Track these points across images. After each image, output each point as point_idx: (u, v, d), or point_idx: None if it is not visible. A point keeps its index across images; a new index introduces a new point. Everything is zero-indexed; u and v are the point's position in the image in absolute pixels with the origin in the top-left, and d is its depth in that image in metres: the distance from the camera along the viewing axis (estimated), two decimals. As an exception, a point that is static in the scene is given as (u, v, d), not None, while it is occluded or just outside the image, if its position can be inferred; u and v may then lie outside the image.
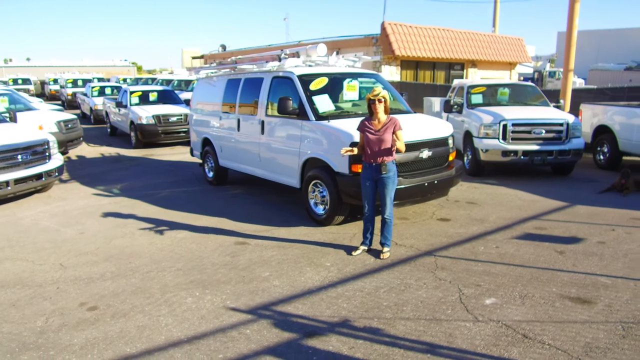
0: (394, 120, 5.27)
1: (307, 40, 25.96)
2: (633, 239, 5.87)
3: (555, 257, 5.32)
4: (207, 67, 10.26)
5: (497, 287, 4.57)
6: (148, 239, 6.53)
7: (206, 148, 9.86)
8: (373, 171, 5.30)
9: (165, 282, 5.04)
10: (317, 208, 6.86)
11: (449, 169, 6.91)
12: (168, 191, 9.39)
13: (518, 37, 25.33)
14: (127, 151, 14.57)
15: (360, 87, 7.76)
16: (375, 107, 5.23)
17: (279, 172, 7.62)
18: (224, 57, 33.23)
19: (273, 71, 7.82)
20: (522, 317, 3.96)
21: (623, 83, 27.24)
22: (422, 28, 20.75)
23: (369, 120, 5.35)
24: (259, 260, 5.54)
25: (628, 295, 4.32)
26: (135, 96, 15.99)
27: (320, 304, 4.37)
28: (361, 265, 5.28)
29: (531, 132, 9.26)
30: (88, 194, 9.38)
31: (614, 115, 10.24)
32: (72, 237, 6.72)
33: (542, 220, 6.75)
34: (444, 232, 6.34)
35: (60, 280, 5.22)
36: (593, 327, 3.78)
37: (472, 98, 10.79)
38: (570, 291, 4.45)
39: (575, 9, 11.91)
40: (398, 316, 4.07)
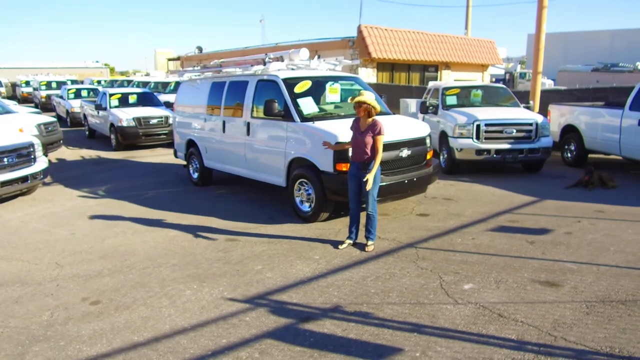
0: (374, 125, 5.59)
1: (284, 43, 26.27)
2: (597, 229, 6.37)
3: (526, 247, 5.76)
4: (191, 70, 10.47)
5: (474, 274, 4.98)
6: (140, 237, 6.74)
7: (191, 149, 10.07)
8: (357, 169, 5.65)
9: (162, 277, 5.28)
10: (303, 205, 7.18)
11: (427, 167, 7.32)
12: (154, 192, 9.57)
13: (490, 40, 26.14)
14: (108, 153, 14.62)
15: (342, 90, 8.12)
16: (358, 110, 5.59)
17: (265, 171, 7.90)
18: (200, 59, 33.25)
19: (258, 74, 8.10)
20: (497, 299, 4.37)
21: (590, 84, 28.34)
22: (397, 31, 21.27)
23: (359, 121, 5.71)
24: (250, 255, 5.83)
25: (591, 279, 4.78)
26: (114, 98, 16.03)
27: (313, 293, 4.69)
28: (348, 257, 5.63)
29: (503, 132, 9.77)
30: (73, 196, 9.48)
31: (579, 115, 10.85)
32: (64, 238, 6.87)
33: (514, 214, 7.22)
34: (423, 226, 6.74)
35: (59, 277, 5.41)
36: (560, 306, 4.20)
37: (447, 99, 11.27)
38: (540, 276, 4.88)
39: (543, 14, 12.53)
40: (385, 301, 4.43)
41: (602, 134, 10.06)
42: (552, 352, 3.49)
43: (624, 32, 40.31)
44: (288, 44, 26.08)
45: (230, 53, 29.58)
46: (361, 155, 5.58)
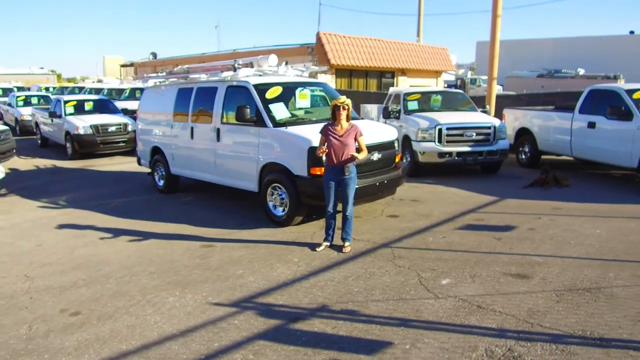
0: (355, 127, 5.81)
1: (242, 49, 26.20)
2: (556, 224, 6.78)
3: (494, 243, 6.08)
4: (155, 76, 10.35)
5: (449, 270, 5.22)
6: (112, 247, 6.63)
7: (156, 157, 9.94)
8: (336, 173, 5.80)
9: (142, 285, 5.24)
10: (277, 210, 7.26)
11: (396, 169, 7.56)
12: (118, 201, 9.39)
13: (443, 47, 27.02)
14: (64, 162, 14.17)
15: (311, 95, 8.27)
16: (339, 114, 5.74)
17: (236, 177, 7.92)
18: (155, 66, 32.63)
19: (227, 80, 8.13)
20: (475, 292, 4.61)
21: (536, 89, 29.76)
22: (355, 38, 21.67)
23: (332, 125, 5.85)
24: (229, 260, 5.86)
25: (558, 270, 5.11)
26: (70, 106, 15.55)
27: (297, 294, 4.79)
28: (327, 259, 5.76)
29: (463, 135, 10.19)
30: (33, 206, 9.17)
31: (532, 119, 11.45)
32: (30, 250, 6.67)
33: (479, 213, 7.57)
34: (395, 227, 6.96)
35: (32, 290, 5.26)
36: (533, 296, 4.49)
37: (409, 105, 11.62)
38: (511, 269, 5.18)
39: (497, 23, 13.15)
40: (369, 299, 4.58)
41: (554, 136, 10.67)
42: (530, 337, 3.74)
43: (565, 40, 42.64)
44: (246, 51, 26.04)
45: (187, 59, 29.21)
46: (342, 158, 5.73)
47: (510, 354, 3.55)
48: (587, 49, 39.92)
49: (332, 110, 5.85)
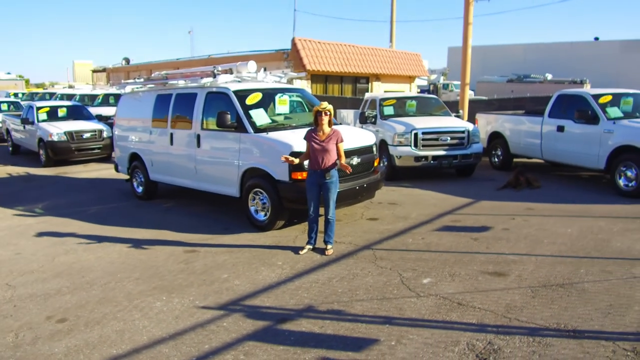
0: (337, 133, 5.97)
1: (216, 55, 26.14)
2: (530, 224, 7.06)
3: (471, 243, 6.30)
4: (133, 82, 10.32)
5: (430, 270, 5.40)
6: (93, 254, 6.61)
7: (134, 163, 9.90)
8: (318, 177, 5.94)
9: (128, 291, 5.26)
10: (258, 215, 7.34)
11: (375, 173, 7.74)
12: (97, 208, 9.32)
13: (416, 53, 27.51)
14: (38, 170, 13.93)
15: (290, 101, 8.39)
16: (321, 119, 5.89)
17: (217, 182, 7.97)
18: (128, 71, 32.25)
19: (207, 87, 8.19)
20: (455, 290, 4.80)
21: (506, 93, 30.51)
22: (330, 44, 21.91)
23: (315, 131, 6.00)
24: (213, 265, 5.92)
25: (532, 267, 5.35)
26: (43, 112, 15.30)
27: (284, 296, 4.89)
28: (310, 261, 5.88)
29: (438, 140, 10.46)
30: (8, 214, 9.03)
31: (504, 123, 11.83)
32: (9, 258, 6.60)
33: (456, 215, 7.81)
34: (375, 229, 7.13)
35: (15, 298, 5.23)
36: (510, 292, 4.70)
37: (385, 110, 11.86)
38: (488, 268, 5.39)
39: (469, 30, 13.54)
40: (354, 299, 4.72)
41: (525, 139, 11.05)
42: (509, 331, 3.93)
43: (535, 46, 43.86)
44: (221, 56, 25.99)
45: (161, 65, 28.97)
46: (324, 163, 5.87)
47: (491, 347, 3.73)
48: (555, 55, 41.15)
49: (314, 116, 5.99)
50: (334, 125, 6.31)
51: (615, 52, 39.37)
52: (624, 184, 8.58)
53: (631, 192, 8.43)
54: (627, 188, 8.53)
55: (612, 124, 8.88)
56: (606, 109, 9.19)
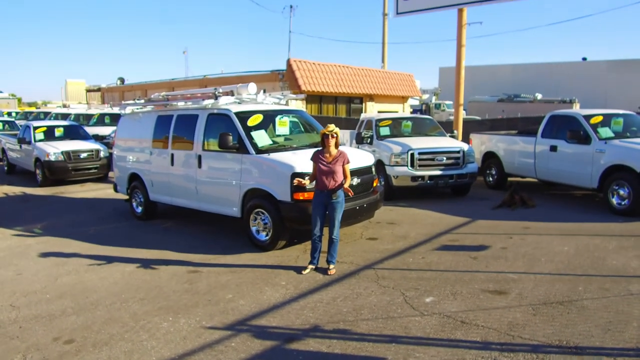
0: (343, 155, 6.12)
1: (212, 75, 26.40)
2: (527, 243, 7.20)
3: (471, 262, 6.42)
4: (133, 103, 10.44)
5: (432, 288, 5.50)
6: (96, 274, 6.64)
7: (134, 183, 9.96)
8: (324, 197, 6.07)
9: (133, 311, 5.30)
10: (260, 235, 7.42)
11: (374, 193, 7.87)
12: (96, 228, 9.34)
13: (408, 74, 27.95)
14: (34, 190, 13.91)
15: (290, 122, 8.55)
16: (328, 142, 6.05)
17: (219, 203, 8.06)
18: (123, 91, 32.43)
19: (208, 108, 8.32)
20: (457, 309, 4.90)
21: (497, 113, 31.00)
22: (324, 65, 22.23)
23: (322, 152, 6.15)
24: (217, 285, 5.98)
25: (532, 285, 5.47)
26: (40, 131, 15.33)
27: (289, 316, 4.96)
28: (313, 281, 5.96)
29: (434, 160, 10.64)
30: (7, 235, 9.03)
31: (498, 143, 12.05)
32: (11, 279, 6.60)
33: (454, 234, 7.93)
34: (375, 249, 7.23)
35: (20, 319, 5.24)
36: (511, 310, 4.82)
37: (381, 130, 12.06)
38: (489, 286, 5.51)
39: (462, 52, 13.86)
40: (359, 318, 4.81)
41: (519, 159, 11.27)
42: (512, 348, 4.03)
43: (523, 66, 44.70)
44: (216, 77, 26.27)
45: (156, 85, 29.18)
46: (331, 183, 6.01)
47: (495, 364, 3.83)
48: (543, 75, 41.94)
49: (322, 138, 6.16)
50: (340, 147, 6.46)
51: (602, 71, 40.21)
52: (617, 202, 8.78)
53: (624, 210, 8.62)
54: (620, 206, 8.73)
55: (603, 143, 9.12)
56: (597, 129, 9.44)
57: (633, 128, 9.79)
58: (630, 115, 10.30)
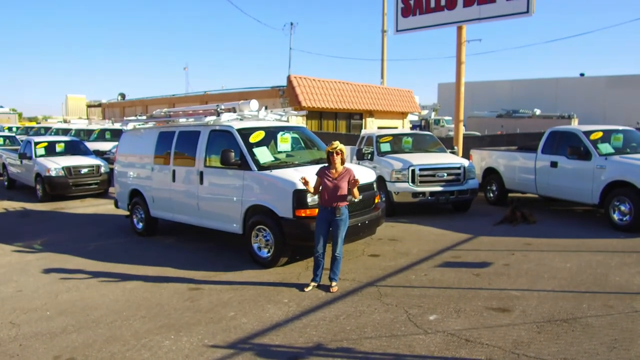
0: (349, 171, 6.15)
1: (213, 91, 26.57)
2: (529, 260, 7.19)
3: (473, 279, 6.40)
4: (135, 119, 10.48)
5: (435, 306, 5.48)
6: (97, 291, 6.60)
7: (135, 199, 9.96)
8: (328, 214, 6.07)
9: (135, 329, 5.26)
10: (262, 252, 7.39)
11: (376, 210, 7.87)
12: (96, 244, 9.31)
13: (408, 90, 28.14)
14: (34, 205, 13.90)
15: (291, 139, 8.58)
16: (334, 158, 6.07)
17: (220, 219, 8.05)
18: (123, 106, 32.59)
19: (210, 125, 8.36)
20: (461, 327, 4.88)
21: (496, 128, 31.15)
22: (324, 81, 22.39)
23: (327, 168, 6.18)
24: (219, 303, 5.94)
25: (535, 302, 5.45)
26: (41, 147, 15.37)
27: (292, 334, 4.93)
28: (316, 299, 5.93)
29: (435, 176, 10.66)
30: (7, 250, 8.99)
31: (498, 159, 12.09)
32: (11, 295, 6.56)
33: (456, 250, 7.92)
34: (377, 266, 7.21)
35: (20, 337, 5.21)
36: (515, 328, 4.79)
37: (381, 146, 12.10)
38: (492, 303, 5.48)
39: (462, 69, 13.98)
40: (362, 336, 4.77)
41: (519, 175, 11.29)
42: (518, 368, 4.01)
43: (522, 82, 45.03)
44: (216, 93, 26.43)
45: (157, 100, 29.35)
46: (336, 200, 6.02)
47: (501, 384, 3.80)
48: (542, 90, 42.23)
49: (327, 155, 6.18)
50: (346, 164, 6.48)
51: (601, 87, 40.48)
52: (618, 218, 8.78)
53: (625, 226, 8.62)
54: (621, 222, 8.73)
55: (604, 159, 9.15)
56: (597, 145, 9.48)
57: (633, 144, 9.84)
58: (630, 131, 10.36)
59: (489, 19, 13.23)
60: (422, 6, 14.21)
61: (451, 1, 13.56)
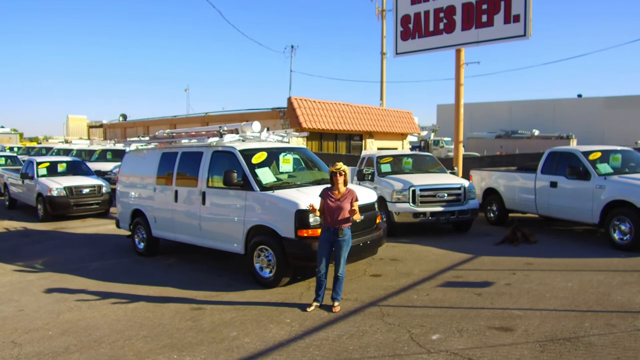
0: (352, 192, 6.22)
1: (213, 113, 26.82)
2: (530, 279, 7.20)
3: (475, 299, 6.41)
4: (138, 140, 10.59)
5: (437, 326, 5.48)
6: (98, 311, 6.60)
7: (136, 219, 10.00)
8: (331, 234, 6.12)
9: (137, 349, 5.26)
10: (264, 272, 7.40)
11: (377, 230, 7.91)
12: (97, 263, 9.32)
13: (407, 111, 28.40)
14: (35, 225, 13.92)
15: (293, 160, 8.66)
16: (337, 179, 6.15)
17: (222, 239, 8.07)
18: (125, 127, 32.82)
19: (213, 146, 8.45)
20: (464, 346, 4.88)
21: (495, 149, 31.34)
22: (324, 103, 22.62)
23: (331, 189, 6.24)
24: (221, 323, 5.94)
25: (537, 322, 5.46)
26: (42, 167, 15.47)
27: (295, 354, 4.93)
28: (318, 319, 5.93)
29: (436, 196, 10.73)
30: (8, 270, 8.99)
31: (498, 179, 12.18)
32: (12, 315, 6.56)
33: (457, 270, 7.93)
34: (379, 286, 7.22)
35: (22, 356, 5.20)
36: (518, 347, 4.80)
37: (382, 167, 12.20)
38: (494, 323, 5.49)
39: (461, 91, 14.18)
40: (365, 356, 4.78)
41: (519, 195, 11.36)
42: (522, 387, 4.01)
43: (520, 103, 45.54)
44: (217, 114, 26.69)
45: (158, 121, 29.59)
46: (339, 221, 6.07)
47: (505, 403, 3.79)
48: (540, 111, 42.65)
49: (330, 176, 6.27)
50: (348, 185, 6.54)
51: (598, 108, 40.90)
52: (619, 238, 8.83)
53: (626, 245, 8.66)
54: (622, 241, 8.77)
55: (603, 179, 9.23)
56: (596, 165, 9.58)
57: (631, 164, 9.94)
58: (628, 151, 10.47)
59: (487, 42, 13.47)
60: (422, 30, 14.49)
61: (450, 25, 13.84)
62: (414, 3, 14.64)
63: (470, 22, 13.43)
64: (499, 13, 12.91)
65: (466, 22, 13.53)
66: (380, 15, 31.15)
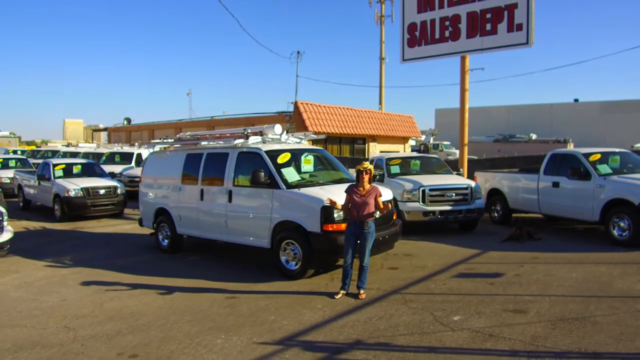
0: (376, 189, 6.78)
1: (219, 116, 27.34)
2: (537, 271, 7.78)
3: (489, 287, 6.98)
4: (160, 142, 11.11)
5: (457, 309, 6.05)
6: (138, 300, 7.09)
7: (160, 218, 10.49)
8: (357, 227, 6.68)
9: (186, 331, 5.77)
10: (289, 264, 7.93)
11: (394, 226, 8.46)
12: (124, 260, 9.77)
13: (409, 115, 29.08)
14: (53, 225, 14.35)
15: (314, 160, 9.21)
16: (363, 177, 6.71)
17: (249, 235, 8.58)
18: (129, 131, 33.27)
19: (238, 147, 8.98)
20: (484, 325, 5.45)
21: (493, 152, 31.95)
22: (329, 107, 23.23)
23: (356, 186, 6.80)
24: (257, 309, 6.47)
25: (547, 305, 6.04)
26: (59, 169, 15.94)
27: (332, 333, 5.47)
28: (347, 304, 6.48)
29: (444, 196, 11.30)
30: (39, 266, 9.42)
31: (501, 180, 12.76)
32: (58, 304, 7.01)
33: (469, 264, 8.50)
34: (398, 277, 7.77)
35: (79, 338, 5.68)
36: (532, 325, 5.37)
37: (391, 169, 12.76)
38: (509, 306, 6.06)
39: (466, 97, 14.81)
40: (396, 334, 5.33)
41: (523, 195, 11.95)
42: (539, 355, 4.59)
43: (517, 108, 46.26)
44: (222, 118, 27.22)
45: (162, 125, 30.07)
46: (363, 214, 6.63)
47: (525, 369, 4.36)
48: (537, 116, 43.36)
49: (357, 174, 6.83)
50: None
51: (595, 112, 41.63)
52: (618, 234, 9.41)
53: (625, 241, 9.25)
54: (621, 237, 9.36)
55: (603, 179, 9.83)
56: (596, 166, 10.18)
57: (629, 165, 10.56)
58: (626, 153, 11.09)
59: (491, 50, 14.09)
60: (427, 37, 15.12)
61: (455, 33, 14.47)
62: (420, 11, 15.27)
63: (475, 30, 14.07)
64: (503, 22, 13.55)
65: (471, 30, 14.16)
66: (379, 21, 31.83)
